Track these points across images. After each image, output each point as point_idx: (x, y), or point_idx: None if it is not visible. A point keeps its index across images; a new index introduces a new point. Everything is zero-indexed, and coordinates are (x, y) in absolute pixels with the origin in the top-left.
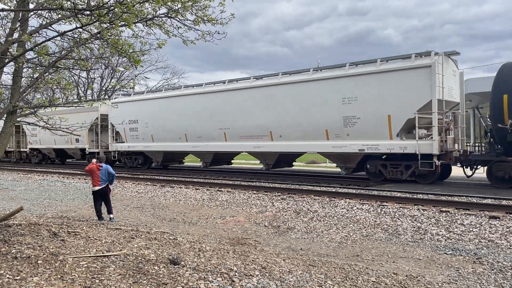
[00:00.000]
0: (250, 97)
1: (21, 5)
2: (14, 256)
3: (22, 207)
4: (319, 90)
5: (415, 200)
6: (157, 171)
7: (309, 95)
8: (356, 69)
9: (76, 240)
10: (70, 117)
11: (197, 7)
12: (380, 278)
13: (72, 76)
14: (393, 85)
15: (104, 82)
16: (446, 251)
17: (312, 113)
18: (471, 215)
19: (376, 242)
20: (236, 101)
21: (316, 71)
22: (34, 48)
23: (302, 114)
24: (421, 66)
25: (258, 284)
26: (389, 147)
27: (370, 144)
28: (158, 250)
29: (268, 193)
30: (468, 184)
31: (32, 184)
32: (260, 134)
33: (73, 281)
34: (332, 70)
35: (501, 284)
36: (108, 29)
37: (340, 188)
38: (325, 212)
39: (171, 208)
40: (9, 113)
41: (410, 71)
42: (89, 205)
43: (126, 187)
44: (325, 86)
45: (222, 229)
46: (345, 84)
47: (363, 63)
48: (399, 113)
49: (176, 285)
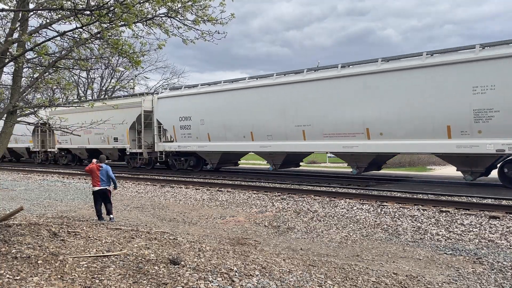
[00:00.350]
0: (339, 89)
1: (21, 5)
2: (14, 256)
3: (22, 207)
4: (438, 78)
5: (415, 200)
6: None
7: (422, 85)
8: (493, 50)
9: (76, 240)
10: (108, 114)
11: (197, 7)
12: (380, 278)
13: (72, 76)
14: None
15: (104, 82)
16: (446, 251)
17: (427, 106)
18: (471, 215)
19: (376, 242)
20: (319, 94)
21: (429, 55)
22: (34, 48)
23: (411, 107)
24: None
25: (258, 284)
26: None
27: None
28: (158, 250)
29: (268, 193)
30: (468, 184)
31: (32, 184)
32: (353, 131)
33: (73, 281)
34: (456, 54)
35: (501, 284)
36: (108, 29)
37: (340, 188)
38: (325, 212)
39: (171, 208)
40: (9, 113)
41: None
42: (89, 205)
43: (126, 187)
44: (447, 72)
45: (222, 229)
46: (478, 69)
47: (499, 44)
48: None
49: (176, 285)
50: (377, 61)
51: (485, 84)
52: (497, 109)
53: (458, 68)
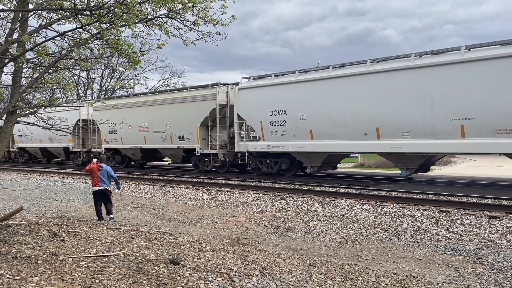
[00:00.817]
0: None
1: (21, 5)
2: (14, 256)
3: (22, 207)
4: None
5: (415, 200)
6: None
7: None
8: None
9: (76, 240)
10: (174, 109)
11: (198, 8)
12: (380, 278)
13: (72, 76)
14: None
15: (104, 82)
16: (446, 251)
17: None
18: (471, 215)
19: (376, 242)
20: (486, 77)
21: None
22: (34, 48)
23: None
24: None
25: (258, 284)
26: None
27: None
28: (158, 250)
29: (268, 193)
30: (468, 184)
31: (32, 184)
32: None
33: (73, 281)
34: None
35: (501, 284)
36: (108, 30)
37: (340, 188)
38: (325, 212)
39: (171, 208)
40: (9, 113)
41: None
42: (89, 205)
43: (126, 187)
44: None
45: (222, 229)
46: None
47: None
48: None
49: (176, 285)
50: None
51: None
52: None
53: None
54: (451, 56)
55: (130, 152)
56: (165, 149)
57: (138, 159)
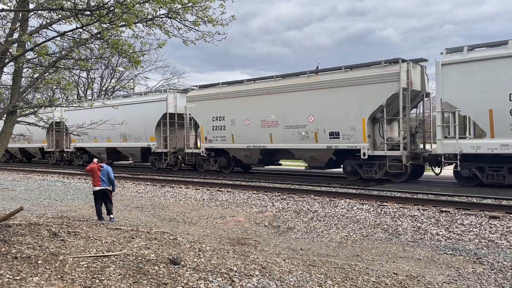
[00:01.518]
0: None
1: (21, 5)
2: (14, 256)
3: (22, 207)
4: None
5: (415, 200)
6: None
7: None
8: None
9: (76, 240)
10: (318, 96)
11: (197, 8)
12: (380, 278)
13: (72, 76)
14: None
15: (104, 82)
16: (446, 251)
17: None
18: (471, 215)
19: (376, 242)
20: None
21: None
22: (34, 48)
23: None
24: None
25: (258, 284)
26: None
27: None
28: (158, 250)
29: (268, 193)
30: (468, 184)
31: (32, 184)
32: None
33: (73, 281)
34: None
35: (501, 284)
36: (108, 30)
37: (340, 188)
38: (325, 212)
39: (171, 208)
40: (9, 113)
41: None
42: (89, 205)
43: (126, 187)
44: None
45: (222, 229)
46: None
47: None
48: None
49: (176, 285)
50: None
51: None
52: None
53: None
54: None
55: (243, 153)
56: (302, 150)
57: (254, 161)
